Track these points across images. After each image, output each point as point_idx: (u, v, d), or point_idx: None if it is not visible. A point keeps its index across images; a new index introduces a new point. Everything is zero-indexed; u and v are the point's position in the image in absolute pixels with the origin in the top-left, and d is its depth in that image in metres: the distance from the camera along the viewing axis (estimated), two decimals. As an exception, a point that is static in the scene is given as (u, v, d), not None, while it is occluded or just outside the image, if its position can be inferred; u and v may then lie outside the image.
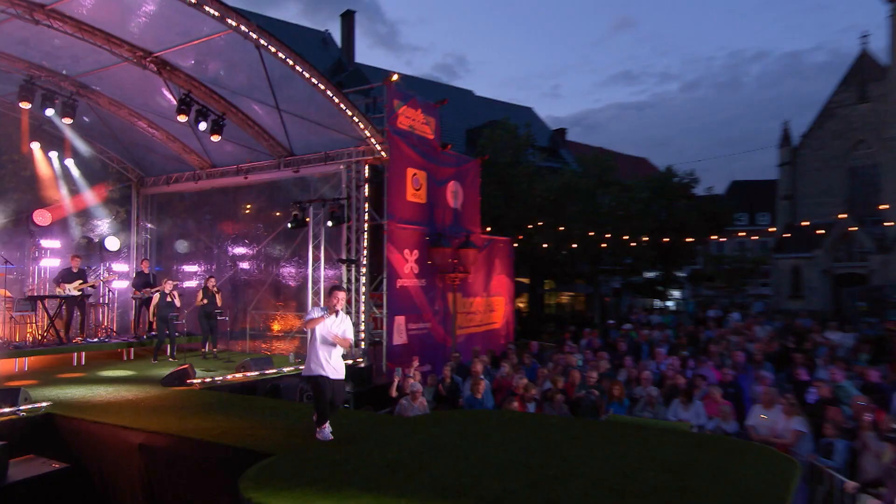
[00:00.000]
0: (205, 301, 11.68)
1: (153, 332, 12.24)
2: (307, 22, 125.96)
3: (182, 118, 10.79)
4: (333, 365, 5.87)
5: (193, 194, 14.44)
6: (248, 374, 9.54)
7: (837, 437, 6.92)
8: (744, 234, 38.79)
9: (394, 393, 9.02)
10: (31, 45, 10.32)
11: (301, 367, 7.16)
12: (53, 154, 13.09)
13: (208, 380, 8.95)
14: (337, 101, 10.70)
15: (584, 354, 12.28)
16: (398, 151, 12.33)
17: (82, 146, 13.52)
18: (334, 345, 5.83)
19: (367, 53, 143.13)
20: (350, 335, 6.09)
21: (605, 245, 23.07)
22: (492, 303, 15.65)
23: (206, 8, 8.58)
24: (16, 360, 10.23)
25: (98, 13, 9.43)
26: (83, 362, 11.00)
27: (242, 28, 9.19)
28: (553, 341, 17.50)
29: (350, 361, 11.13)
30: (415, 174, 12.96)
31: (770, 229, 38.12)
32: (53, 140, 12.95)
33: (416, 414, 8.48)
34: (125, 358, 11.71)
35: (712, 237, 27.75)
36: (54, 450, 6.49)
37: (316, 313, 5.83)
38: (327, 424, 5.75)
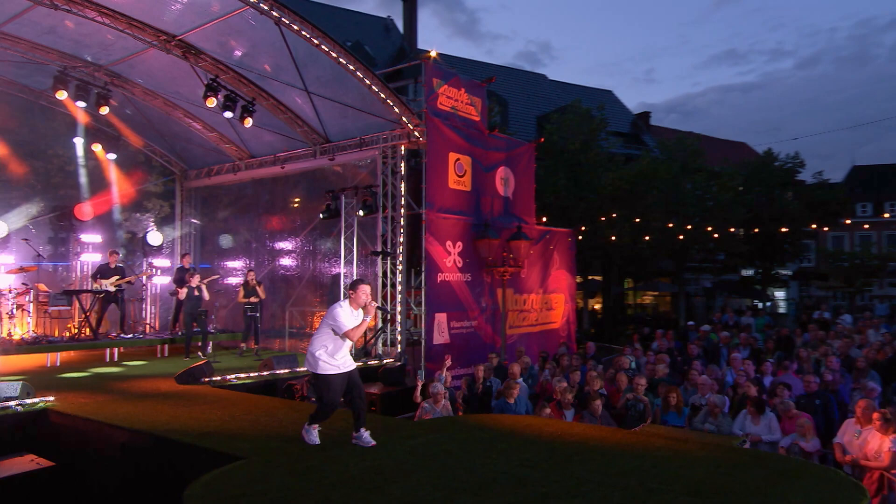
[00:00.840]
0: (252, 297, 11.81)
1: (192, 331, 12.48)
2: (381, 11, 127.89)
3: (210, 103, 10.87)
4: (347, 358, 5.70)
5: (233, 187, 14.69)
6: (268, 372, 9.45)
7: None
8: (868, 226, 35.60)
9: (417, 398, 8.60)
10: (59, 34, 10.73)
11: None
12: (97, 147, 13.66)
13: (224, 377, 8.87)
14: (364, 78, 10.45)
15: (647, 358, 11.35)
16: (438, 134, 11.87)
17: (125, 140, 14.08)
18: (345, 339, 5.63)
19: (445, 43, 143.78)
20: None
21: (682, 237, 21.58)
22: (550, 300, 14.90)
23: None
24: (48, 354, 10.62)
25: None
26: (116, 358, 11.34)
27: (260, 4, 9.11)
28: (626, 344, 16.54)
29: (376, 362, 10.93)
30: (458, 159, 12.45)
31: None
32: (97, 134, 13.49)
33: (436, 414, 8.07)
34: (159, 355, 11.98)
35: (823, 229, 25.42)
36: (46, 447, 6.53)
37: (356, 319, 5.59)
38: (318, 427, 5.57)
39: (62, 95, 11.07)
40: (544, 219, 16.21)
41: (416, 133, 11.43)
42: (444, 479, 4.56)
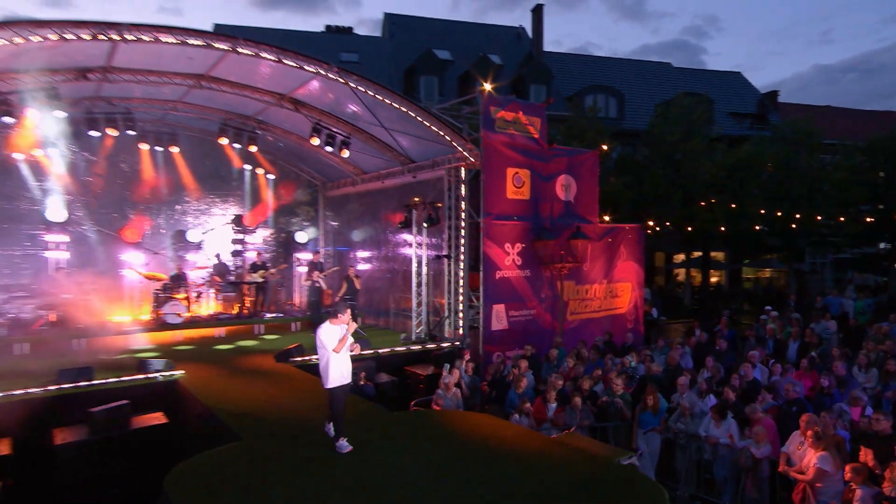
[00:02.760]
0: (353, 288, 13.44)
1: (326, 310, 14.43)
2: (503, 14, 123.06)
3: (314, 141, 12.40)
4: (347, 368, 6.01)
5: (354, 195, 16.29)
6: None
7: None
8: None
9: (441, 384, 9.21)
10: (214, 101, 12.91)
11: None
12: (260, 171, 16.07)
13: (307, 358, 10.38)
14: (421, 119, 11.24)
15: (676, 350, 10.87)
16: (495, 153, 12.25)
17: (281, 163, 16.34)
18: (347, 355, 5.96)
19: (611, 27, 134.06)
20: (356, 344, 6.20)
21: (787, 221, 19.20)
22: (615, 289, 14.61)
23: (286, 62, 9.84)
24: (215, 329, 13.16)
25: (238, 75, 11.42)
26: (263, 331, 13.62)
27: (327, 73, 10.35)
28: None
29: (433, 346, 11.86)
30: (516, 173, 12.72)
31: None
32: (261, 160, 15.77)
33: (448, 405, 8.77)
34: (292, 329, 14.04)
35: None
36: (170, 407, 8.45)
37: (338, 333, 5.81)
38: (343, 439, 5.82)
39: (224, 141, 13.37)
40: (606, 218, 15.60)
41: (471, 157, 11.96)
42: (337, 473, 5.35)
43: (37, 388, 8.01)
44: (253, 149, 13.99)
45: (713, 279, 26.55)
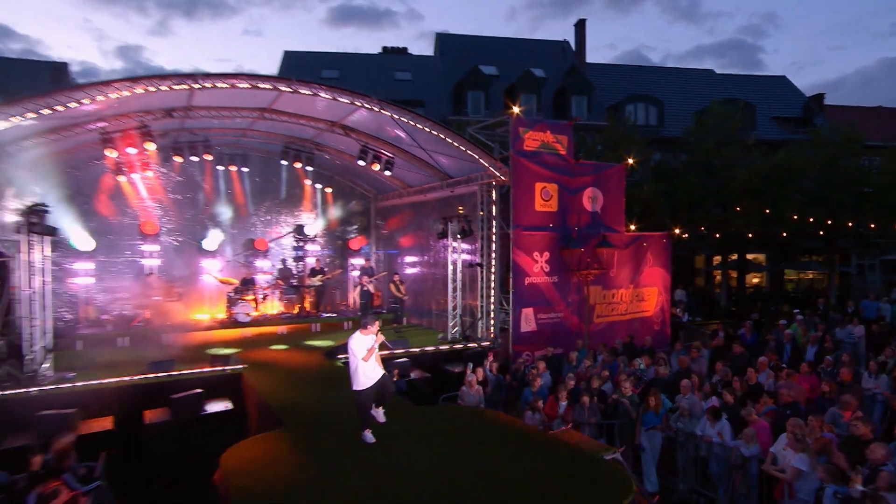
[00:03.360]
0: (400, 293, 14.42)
1: (374, 310, 15.47)
2: (546, 30, 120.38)
3: (361, 162, 13.41)
4: (375, 371, 6.51)
5: (401, 206, 17.19)
6: (387, 352, 11.59)
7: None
8: None
9: (465, 382, 9.90)
10: (277, 128, 14.13)
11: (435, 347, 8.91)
12: (318, 185, 17.30)
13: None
14: (452, 142, 11.96)
15: (691, 353, 11.11)
16: (524, 170, 12.85)
17: (337, 178, 17.50)
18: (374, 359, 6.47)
19: (665, 30, 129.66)
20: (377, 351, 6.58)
21: (828, 225, 18.56)
22: (641, 293, 14.85)
23: (340, 99, 10.85)
24: (277, 327, 14.42)
25: (295, 107, 12.52)
26: (319, 329, 14.77)
27: (370, 106, 11.25)
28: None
29: (461, 346, 12.54)
30: (544, 187, 13.25)
31: None
32: (319, 177, 16.97)
33: (470, 401, 9.42)
34: (345, 328, 15.11)
35: None
36: (235, 395, 9.61)
37: (364, 343, 6.38)
38: (368, 431, 6.52)
39: (286, 161, 14.65)
40: (631, 228, 15.73)
41: (500, 175, 12.59)
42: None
43: (133, 376, 9.34)
44: (310, 168, 15.18)
45: (755, 280, 25.82)
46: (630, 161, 14.35)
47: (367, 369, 6.43)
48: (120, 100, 9.38)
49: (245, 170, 15.71)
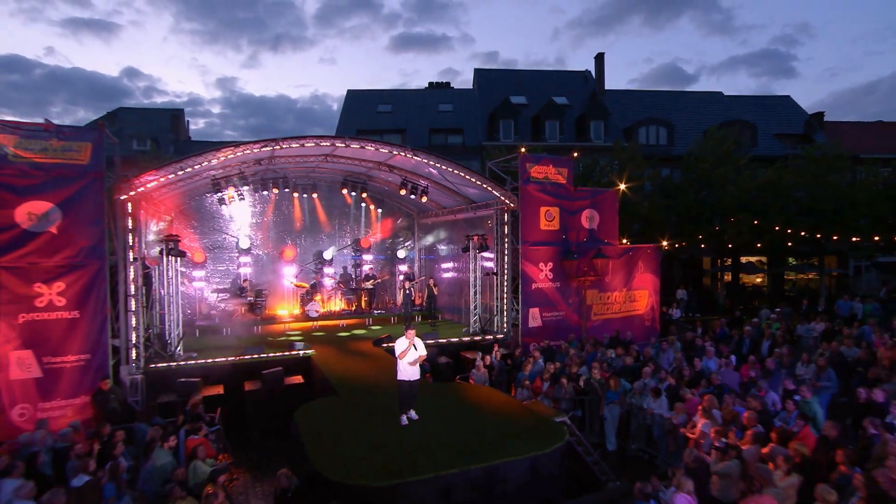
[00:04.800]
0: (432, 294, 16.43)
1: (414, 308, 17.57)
2: (586, 48, 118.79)
3: (402, 192, 15.52)
4: (412, 371, 7.57)
5: (437, 223, 19.17)
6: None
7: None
8: None
9: (475, 366, 11.75)
10: (337, 166, 16.45)
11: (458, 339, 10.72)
12: (371, 207, 19.59)
13: (392, 344, 13.43)
14: (470, 178, 13.85)
15: (662, 345, 12.49)
16: (530, 197, 14.52)
17: (387, 200, 19.71)
18: (414, 359, 7.60)
19: (699, 43, 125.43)
20: (423, 351, 7.73)
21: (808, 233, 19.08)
22: (633, 295, 16.17)
23: (381, 150, 12.96)
24: (339, 321, 16.77)
25: (351, 153, 14.70)
26: (370, 323, 17.02)
27: (406, 154, 13.30)
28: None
29: (479, 338, 14.34)
30: (547, 210, 14.88)
31: None
32: (372, 199, 19.28)
33: (478, 380, 11.22)
34: (392, 322, 17.29)
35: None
36: (306, 373, 11.90)
37: (402, 345, 7.54)
38: (404, 414, 7.73)
39: (344, 191, 16.99)
40: (625, 242, 17.00)
41: (510, 203, 14.37)
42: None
43: (236, 357, 11.82)
44: (364, 194, 17.45)
45: (757, 280, 26.11)
46: (622, 187, 15.66)
47: (402, 366, 7.52)
48: (226, 160, 11.89)
49: (314, 196, 18.19)
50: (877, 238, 18.58)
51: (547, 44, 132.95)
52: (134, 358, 10.45)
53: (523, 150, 14.52)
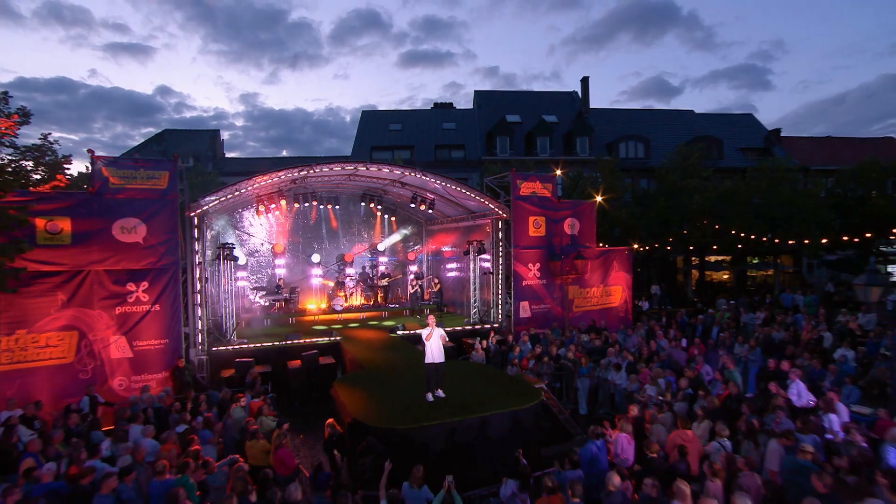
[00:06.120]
0: (439, 291, 17.99)
1: (423, 302, 19.16)
2: (565, 74, 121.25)
3: (413, 205, 17.12)
4: (437, 354, 8.12)
5: (443, 229, 20.73)
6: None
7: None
8: None
9: (474, 349, 13.34)
10: (358, 182, 18.06)
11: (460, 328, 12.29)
12: (385, 215, 21.18)
13: (403, 332, 15.02)
14: (466, 192, 15.42)
15: (628, 332, 14.02)
16: (520, 209, 16.08)
17: (400, 209, 21.29)
18: (439, 343, 8.15)
19: (683, 58, 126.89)
20: (443, 333, 8.23)
21: (757, 237, 20.52)
22: (609, 290, 17.68)
23: (395, 171, 14.54)
24: (359, 313, 18.37)
25: (370, 173, 16.30)
26: (386, 316, 18.61)
27: (412, 172, 14.89)
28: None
29: (479, 326, 15.87)
30: (535, 219, 16.43)
31: None
32: (386, 209, 20.85)
33: (476, 360, 12.82)
34: (404, 314, 18.86)
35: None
36: (336, 355, 13.51)
37: (426, 331, 8.21)
38: (430, 392, 8.36)
39: (363, 203, 18.60)
40: (602, 245, 18.48)
41: (503, 214, 15.92)
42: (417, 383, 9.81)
43: (279, 342, 13.44)
44: (381, 205, 19.06)
45: (724, 276, 27.50)
46: (598, 199, 17.17)
47: (428, 350, 8.08)
48: (264, 181, 13.53)
49: (337, 207, 19.81)
50: (824, 241, 19.97)
51: (543, 59, 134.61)
52: (200, 342, 12.09)
53: (514, 168, 16.08)
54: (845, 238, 20.45)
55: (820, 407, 7.65)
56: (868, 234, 19.59)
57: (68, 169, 11.55)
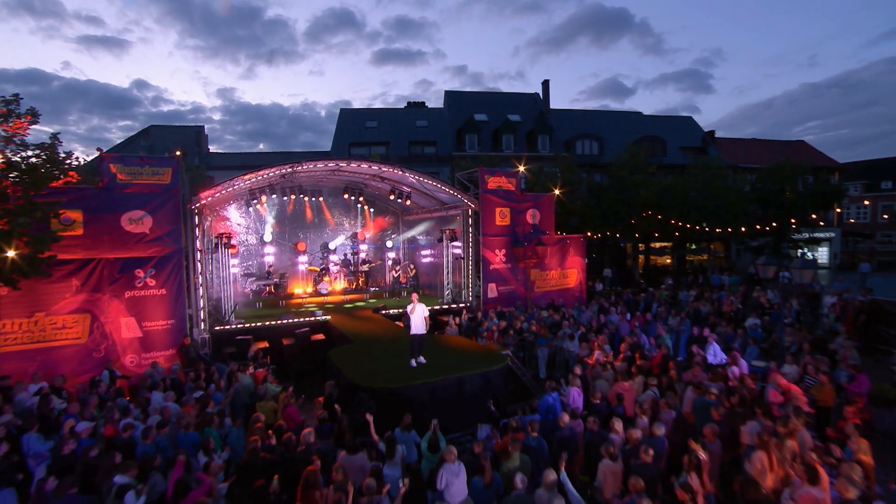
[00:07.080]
0: (415, 275, 18.84)
1: (400, 285, 20.00)
2: (529, 73, 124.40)
3: (392, 197, 17.85)
4: (420, 326, 9.16)
5: (418, 220, 21.51)
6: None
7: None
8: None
9: (449, 324, 14.35)
10: (341, 176, 18.62)
11: (436, 307, 13.05)
12: (366, 207, 21.79)
13: (386, 311, 15.88)
14: (440, 186, 16.29)
15: (583, 308, 15.32)
16: (487, 201, 17.07)
17: (380, 202, 21.93)
18: (421, 317, 9.17)
19: (636, 62, 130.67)
20: (426, 313, 9.21)
21: (690, 226, 22.30)
22: (566, 273, 18.99)
23: (373, 167, 15.23)
24: (344, 295, 19.07)
25: (352, 168, 16.90)
26: (368, 298, 19.37)
27: (392, 168, 15.61)
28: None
29: (454, 304, 16.90)
30: (500, 210, 17.46)
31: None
32: (367, 201, 21.46)
33: (450, 333, 13.86)
34: (385, 296, 19.67)
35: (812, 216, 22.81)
36: (326, 332, 14.25)
37: (410, 307, 9.25)
38: (413, 359, 9.40)
39: (346, 196, 19.19)
40: (560, 235, 19.72)
41: (472, 205, 16.88)
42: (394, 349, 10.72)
43: (273, 321, 14.05)
44: (361, 199, 19.69)
45: (668, 261, 29.49)
46: (556, 192, 18.33)
47: (412, 323, 9.18)
48: (256, 178, 14.01)
49: (321, 199, 20.30)
50: (743, 229, 21.89)
51: (509, 59, 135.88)
52: (203, 321, 12.61)
53: (482, 165, 17.01)
54: (766, 227, 22.44)
55: (728, 363, 9.03)
56: (774, 224, 21.61)
57: (71, 166, 11.70)
